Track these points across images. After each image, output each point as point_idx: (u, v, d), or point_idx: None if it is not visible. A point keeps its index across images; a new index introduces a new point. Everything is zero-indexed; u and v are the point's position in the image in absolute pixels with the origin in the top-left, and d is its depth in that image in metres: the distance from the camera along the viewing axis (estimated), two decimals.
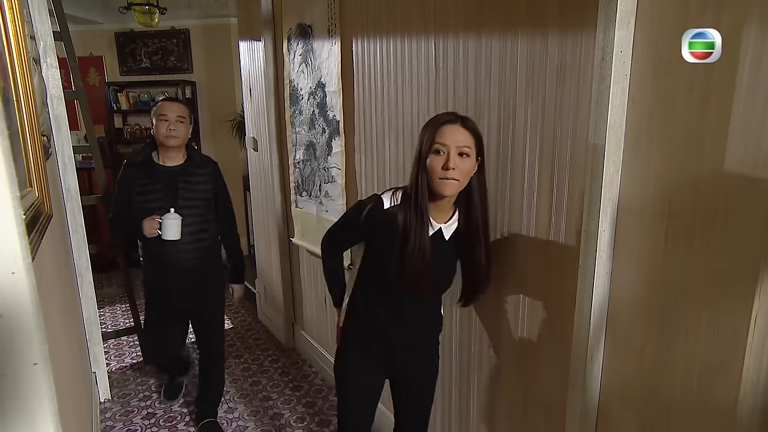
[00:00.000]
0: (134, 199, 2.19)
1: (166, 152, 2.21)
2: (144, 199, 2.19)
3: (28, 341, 0.57)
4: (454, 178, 1.28)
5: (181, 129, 2.18)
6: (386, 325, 1.51)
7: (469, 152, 1.29)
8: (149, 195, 2.19)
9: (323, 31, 2.37)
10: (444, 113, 1.37)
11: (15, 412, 0.57)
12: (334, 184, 2.48)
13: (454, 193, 1.33)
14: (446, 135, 1.29)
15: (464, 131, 1.30)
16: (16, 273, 0.55)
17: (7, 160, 0.54)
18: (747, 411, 0.94)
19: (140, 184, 2.19)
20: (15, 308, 0.55)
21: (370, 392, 1.62)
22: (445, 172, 1.28)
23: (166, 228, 2.15)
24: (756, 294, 0.89)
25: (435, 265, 1.38)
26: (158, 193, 2.19)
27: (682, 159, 1.00)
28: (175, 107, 2.18)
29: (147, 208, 2.18)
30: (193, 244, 2.25)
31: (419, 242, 1.34)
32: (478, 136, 1.32)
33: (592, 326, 1.20)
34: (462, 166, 1.29)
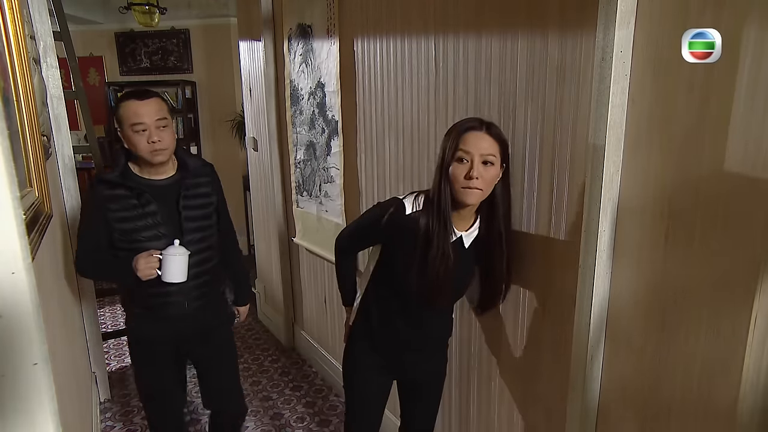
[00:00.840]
0: (115, 230, 1.59)
1: (149, 166, 1.64)
2: (131, 228, 1.59)
3: (28, 341, 0.57)
4: (477, 187, 1.24)
5: (167, 136, 1.59)
6: (406, 338, 1.51)
7: (494, 160, 1.25)
8: (139, 222, 1.60)
9: (323, 31, 2.38)
10: (468, 119, 1.33)
11: (15, 412, 0.57)
12: (333, 184, 2.49)
13: (477, 202, 1.30)
14: (470, 142, 1.25)
15: (489, 138, 1.25)
16: (16, 273, 0.55)
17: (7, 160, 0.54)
18: (747, 411, 0.94)
19: (123, 208, 1.59)
20: (15, 308, 0.55)
21: (377, 392, 1.61)
22: (468, 181, 1.24)
23: (169, 266, 1.55)
24: (756, 294, 0.89)
25: (454, 273, 1.35)
26: (151, 217, 1.61)
27: (682, 159, 1.00)
28: (152, 107, 1.56)
29: (136, 240, 1.59)
30: (199, 279, 1.71)
31: (442, 250, 1.30)
32: (503, 143, 1.28)
33: (592, 326, 1.19)
34: (486, 174, 1.24)
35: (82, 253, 1.64)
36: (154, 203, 1.62)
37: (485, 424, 1.72)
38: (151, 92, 1.59)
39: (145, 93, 1.59)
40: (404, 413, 1.70)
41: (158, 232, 1.62)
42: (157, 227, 1.62)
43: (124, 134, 1.58)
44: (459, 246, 1.38)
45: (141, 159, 1.61)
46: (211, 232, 1.76)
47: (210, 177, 1.79)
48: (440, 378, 1.67)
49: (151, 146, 1.56)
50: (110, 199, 1.59)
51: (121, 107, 1.57)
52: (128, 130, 1.55)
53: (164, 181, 1.67)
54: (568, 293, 1.27)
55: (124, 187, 1.60)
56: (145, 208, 1.61)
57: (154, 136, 1.56)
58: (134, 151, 1.58)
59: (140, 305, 1.71)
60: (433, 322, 1.53)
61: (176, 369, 1.84)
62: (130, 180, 1.62)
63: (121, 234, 1.60)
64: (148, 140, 1.55)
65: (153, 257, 1.56)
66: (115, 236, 1.60)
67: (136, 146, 1.56)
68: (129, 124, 1.55)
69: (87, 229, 1.64)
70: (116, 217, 1.59)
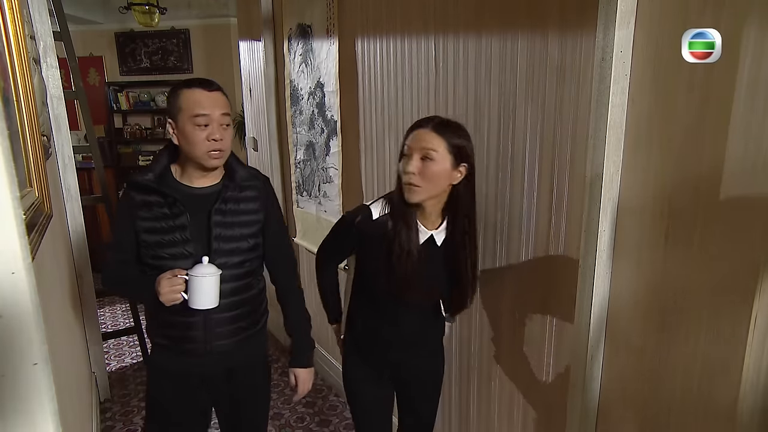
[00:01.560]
0: (141, 243, 1.37)
1: (198, 170, 1.38)
2: (155, 242, 1.36)
3: (28, 341, 0.56)
4: (412, 183, 1.25)
5: (228, 137, 1.36)
6: (387, 338, 1.51)
7: (434, 156, 1.23)
8: (165, 235, 1.35)
9: (322, 31, 2.38)
10: (423, 118, 1.35)
11: (15, 412, 0.57)
12: (332, 184, 2.49)
13: (421, 199, 1.29)
14: (411, 138, 1.28)
15: (431, 134, 1.25)
16: (16, 273, 0.55)
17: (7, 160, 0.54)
18: (747, 411, 0.94)
19: (153, 217, 1.36)
20: (15, 308, 0.55)
21: (376, 404, 1.60)
22: (405, 176, 1.26)
23: (196, 289, 1.29)
24: (756, 294, 0.89)
25: (426, 270, 1.37)
26: (180, 232, 1.35)
27: (682, 159, 1.00)
28: (219, 100, 1.34)
29: (159, 257, 1.36)
30: (232, 311, 1.43)
31: (406, 246, 1.32)
32: (452, 140, 1.25)
33: (592, 326, 1.19)
34: (425, 170, 1.24)
35: (108, 265, 1.42)
36: (186, 215, 1.35)
37: (485, 424, 1.72)
38: (217, 84, 1.37)
39: (212, 83, 1.35)
40: (400, 417, 1.68)
41: (185, 250, 1.35)
42: (183, 244, 1.35)
43: (180, 127, 1.32)
44: (431, 244, 1.39)
45: (190, 161, 1.36)
46: (252, 256, 1.44)
47: (260, 191, 1.47)
48: (433, 379, 1.62)
49: (211, 145, 1.31)
50: (141, 206, 1.36)
51: (182, 95, 1.32)
52: (187, 122, 1.30)
53: (205, 190, 1.39)
54: (568, 293, 1.27)
55: (158, 193, 1.36)
56: (175, 220, 1.35)
57: (216, 133, 1.31)
58: (186, 150, 1.34)
59: (158, 334, 1.46)
60: (412, 319, 1.48)
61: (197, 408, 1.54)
62: (165, 185, 1.36)
63: (145, 248, 1.37)
64: (209, 137, 1.31)
65: (178, 278, 1.29)
66: (141, 250, 1.38)
67: (193, 143, 1.31)
68: (190, 115, 1.29)
69: (115, 239, 1.44)
70: (144, 227, 1.36)
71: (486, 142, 1.51)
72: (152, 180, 1.36)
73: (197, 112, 1.30)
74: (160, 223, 1.36)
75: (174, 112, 1.33)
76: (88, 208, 3.45)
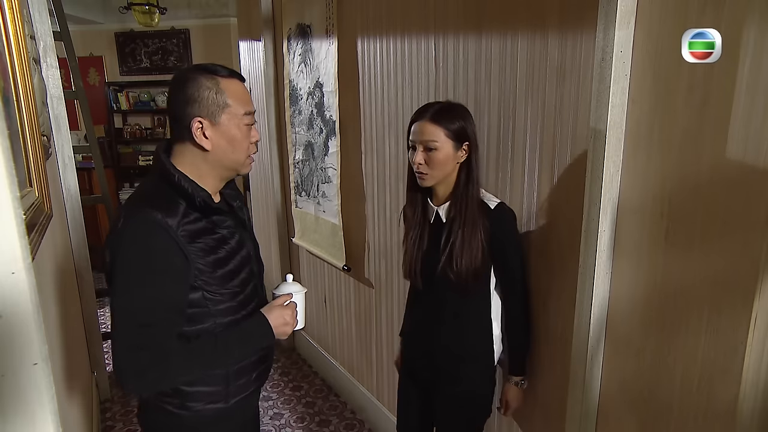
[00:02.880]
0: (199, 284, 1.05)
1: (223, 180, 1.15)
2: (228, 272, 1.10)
3: (28, 341, 0.56)
4: (421, 172, 1.34)
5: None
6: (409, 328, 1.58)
7: (437, 145, 1.31)
8: (230, 261, 1.11)
9: (321, 31, 2.38)
10: (422, 107, 1.38)
11: (15, 412, 0.57)
12: (330, 184, 2.49)
13: (432, 183, 1.37)
14: (414, 132, 1.35)
15: (430, 125, 1.32)
16: (16, 273, 0.55)
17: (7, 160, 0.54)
18: (747, 411, 0.94)
19: (214, 246, 1.07)
20: (15, 308, 0.55)
21: (406, 397, 1.62)
22: (415, 166, 1.35)
23: (299, 310, 1.21)
24: (756, 294, 0.89)
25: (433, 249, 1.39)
26: (239, 252, 1.15)
27: (682, 159, 1.00)
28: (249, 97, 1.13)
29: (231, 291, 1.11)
30: None
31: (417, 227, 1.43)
32: (449, 127, 1.31)
33: (592, 326, 1.19)
34: (431, 159, 1.33)
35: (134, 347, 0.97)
36: (238, 234, 1.15)
37: (485, 424, 1.72)
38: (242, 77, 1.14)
39: (241, 74, 1.11)
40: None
41: (248, 275, 1.16)
42: (247, 266, 1.16)
43: (223, 128, 1.05)
44: (438, 222, 1.41)
45: (220, 168, 1.10)
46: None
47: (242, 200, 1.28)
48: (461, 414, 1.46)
49: (252, 148, 1.12)
50: (195, 237, 1.03)
51: (226, 87, 1.05)
52: (238, 122, 1.06)
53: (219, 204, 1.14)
54: (568, 293, 1.27)
55: (204, 215, 1.07)
56: (230, 241, 1.12)
57: (257, 134, 1.12)
58: (224, 156, 1.08)
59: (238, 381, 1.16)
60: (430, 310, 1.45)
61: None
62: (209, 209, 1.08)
63: (212, 289, 1.07)
64: (251, 140, 1.11)
65: (293, 302, 1.16)
66: (201, 295, 1.06)
67: (240, 148, 1.08)
68: (242, 113, 1.07)
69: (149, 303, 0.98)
70: (209, 263, 1.05)
71: (486, 142, 1.51)
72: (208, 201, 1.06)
73: (249, 110, 1.08)
74: (220, 252, 1.08)
75: (213, 110, 1.04)
76: (88, 208, 3.46)
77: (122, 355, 0.97)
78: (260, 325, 1.11)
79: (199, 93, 1.03)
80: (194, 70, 1.06)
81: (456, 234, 1.33)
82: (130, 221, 0.99)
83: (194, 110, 1.03)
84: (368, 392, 2.48)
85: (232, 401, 1.16)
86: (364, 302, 2.38)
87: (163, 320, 1.00)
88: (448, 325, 1.43)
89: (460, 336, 1.43)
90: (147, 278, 0.98)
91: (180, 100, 1.04)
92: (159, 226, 0.98)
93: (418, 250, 1.42)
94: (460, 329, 1.43)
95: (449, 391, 1.47)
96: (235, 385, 1.15)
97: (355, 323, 2.50)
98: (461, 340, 1.43)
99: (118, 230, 0.99)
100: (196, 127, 1.04)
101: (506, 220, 1.36)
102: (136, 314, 0.97)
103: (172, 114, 1.07)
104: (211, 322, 1.08)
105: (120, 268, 0.98)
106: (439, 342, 1.45)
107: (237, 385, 1.16)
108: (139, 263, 0.98)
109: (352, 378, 2.64)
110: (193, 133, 1.04)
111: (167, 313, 1.00)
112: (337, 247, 2.48)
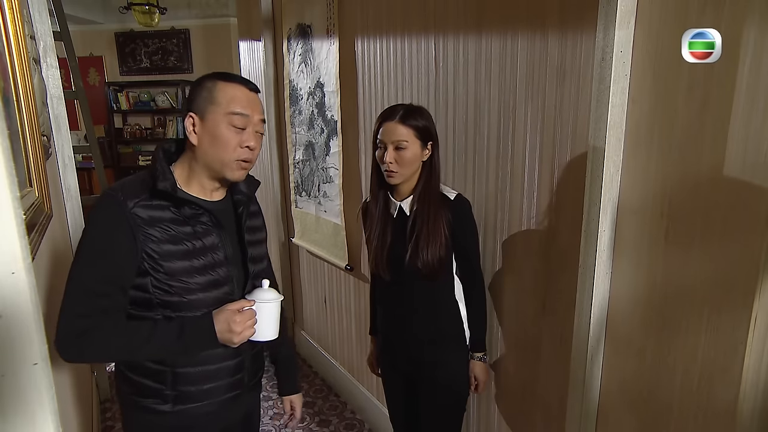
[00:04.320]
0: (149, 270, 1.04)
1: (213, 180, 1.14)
2: (184, 267, 1.07)
3: (28, 341, 0.56)
4: (391, 170, 1.41)
5: (259, 147, 1.15)
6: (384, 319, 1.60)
7: (406, 145, 1.39)
8: (196, 258, 1.09)
9: (322, 31, 2.38)
10: (388, 109, 1.45)
11: (15, 412, 0.57)
12: (332, 184, 2.49)
13: (400, 181, 1.44)
14: (383, 132, 1.42)
15: (400, 126, 1.39)
16: (16, 273, 0.55)
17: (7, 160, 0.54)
18: (747, 411, 0.94)
19: (169, 238, 1.06)
20: (15, 308, 0.55)
21: (392, 389, 1.68)
22: (383, 164, 1.42)
23: (264, 319, 1.12)
24: (756, 294, 0.89)
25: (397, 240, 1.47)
26: (212, 253, 1.11)
27: (682, 159, 1.00)
28: (258, 103, 1.14)
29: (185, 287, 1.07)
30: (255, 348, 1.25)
31: (379, 222, 1.50)
32: (417, 127, 1.40)
33: (592, 326, 1.20)
34: (400, 158, 1.40)
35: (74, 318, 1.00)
36: (216, 234, 1.12)
37: (485, 424, 1.72)
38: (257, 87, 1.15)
39: (254, 84, 1.14)
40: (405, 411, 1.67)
41: (219, 276, 1.11)
42: (217, 268, 1.11)
43: (209, 125, 1.07)
44: (402, 215, 1.49)
45: (207, 168, 1.10)
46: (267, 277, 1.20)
47: (258, 204, 1.32)
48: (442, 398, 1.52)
49: (243, 153, 1.09)
50: (149, 224, 1.03)
51: (218, 87, 1.08)
52: (222, 119, 1.07)
53: (219, 205, 1.16)
54: (568, 293, 1.27)
55: (179, 206, 1.08)
56: (204, 239, 1.10)
57: (252, 140, 1.09)
58: (209, 154, 1.08)
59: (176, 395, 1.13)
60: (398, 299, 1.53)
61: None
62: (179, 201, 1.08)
63: (159, 280, 1.05)
64: (243, 143, 1.09)
65: (250, 309, 1.09)
66: (148, 281, 1.05)
67: (223, 147, 1.08)
68: (227, 112, 1.07)
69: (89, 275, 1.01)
70: (161, 252, 1.04)
71: (486, 142, 1.51)
72: (170, 189, 1.06)
73: (236, 110, 1.07)
74: (183, 245, 1.07)
75: (202, 106, 1.07)
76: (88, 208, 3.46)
77: (64, 319, 1.01)
78: (203, 325, 1.06)
79: (198, 92, 1.10)
80: (211, 74, 1.12)
81: (421, 227, 1.42)
82: (97, 201, 1.07)
83: (191, 106, 1.10)
84: (368, 392, 2.48)
85: (173, 407, 1.12)
86: (364, 302, 2.38)
87: (107, 293, 1.02)
88: (420, 312, 1.51)
89: (433, 321, 1.51)
90: (95, 251, 1.02)
91: (187, 99, 1.13)
92: (115, 204, 1.02)
93: (383, 244, 1.49)
94: (433, 315, 1.51)
95: (430, 377, 1.53)
96: (175, 390, 1.12)
97: (355, 323, 2.50)
98: (434, 325, 1.51)
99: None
100: (188, 122, 1.09)
101: (466, 210, 1.47)
102: (83, 283, 1.02)
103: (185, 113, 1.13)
104: (158, 312, 1.08)
105: (79, 241, 1.04)
106: (413, 330, 1.53)
107: (177, 390, 1.12)
108: (91, 237, 1.03)
109: (352, 378, 2.64)
110: (186, 127, 1.10)
111: (109, 286, 1.02)
112: (339, 247, 2.48)
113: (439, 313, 1.51)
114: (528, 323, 1.47)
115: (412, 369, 1.56)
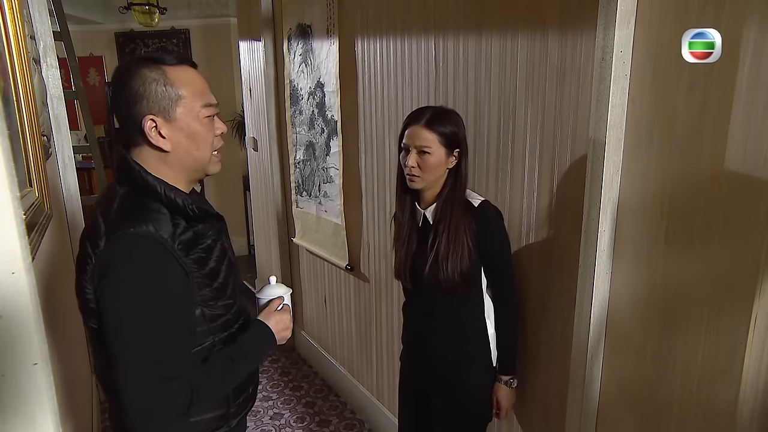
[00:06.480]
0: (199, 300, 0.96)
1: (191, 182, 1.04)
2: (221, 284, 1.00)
3: (28, 341, 0.57)
4: (413, 174, 1.36)
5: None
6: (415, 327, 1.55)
7: (430, 150, 1.33)
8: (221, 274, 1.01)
9: (322, 31, 2.37)
10: (416, 111, 1.39)
11: (15, 412, 0.57)
12: (332, 184, 2.49)
13: (422, 186, 1.39)
14: (408, 136, 1.36)
15: (425, 131, 1.33)
16: (16, 273, 0.55)
17: (7, 160, 0.54)
18: (747, 411, 0.94)
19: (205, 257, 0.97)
20: (15, 308, 0.55)
21: (405, 402, 1.63)
22: (406, 169, 1.37)
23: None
24: (756, 294, 0.89)
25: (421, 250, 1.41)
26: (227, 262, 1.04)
27: (682, 159, 1.00)
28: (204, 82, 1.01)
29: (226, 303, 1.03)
30: None
31: (406, 229, 1.45)
32: (443, 134, 1.33)
33: (592, 326, 1.19)
34: (423, 162, 1.34)
35: (172, 389, 0.87)
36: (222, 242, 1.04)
37: None
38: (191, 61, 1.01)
39: (190, 59, 1.00)
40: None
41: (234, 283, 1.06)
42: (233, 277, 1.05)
43: (181, 124, 0.94)
44: (426, 224, 1.42)
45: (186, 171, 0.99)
46: None
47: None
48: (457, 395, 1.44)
49: (218, 142, 1.00)
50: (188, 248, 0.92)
51: (177, 77, 0.93)
52: (196, 114, 0.94)
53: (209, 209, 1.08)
54: (568, 293, 1.27)
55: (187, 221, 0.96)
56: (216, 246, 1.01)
57: (221, 124, 1.00)
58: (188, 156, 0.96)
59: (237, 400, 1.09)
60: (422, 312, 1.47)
61: None
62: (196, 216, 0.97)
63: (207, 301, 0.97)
64: (216, 133, 0.99)
65: (287, 305, 1.11)
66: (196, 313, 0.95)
67: (205, 143, 0.97)
68: (201, 104, 0.95)
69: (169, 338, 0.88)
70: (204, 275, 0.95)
71: (486, 142, 1.51)
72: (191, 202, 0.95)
73: (208, 102, 0.96)
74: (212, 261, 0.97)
75: (165, 105, 0.91)
76: (88, 208, 3.45)
77: (144, 394, 0.83)
78: (264, 334, 1.04)
79: (145, 88, 0.90)
80: (137, 61, 0.93)
81: (441, 237, 1.33)
82: (118, 240, 0.85)
83: (143, 108, 0.91)
84: (368, 392, 2.48)
85: (234, 422, 1.09)
86: (364, 302, 2.38)
87: (180, 347, 0.89)
88: (441, 329, 1.43)
89: (454, 340, 1.43)
90: (152, 305, 0.85)
91: (125, 98, 0.91)
92: (154, 242, 0.86)
93: (407, 252, 1.45)
94: (454, 333, 1.42)
95: (448, 397, 1.45)
96: (236, 405, 1.07)
97: (355, 323, 2.50)
98: (455, 344, 1.43)
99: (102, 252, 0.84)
100: (149, 127, 0.91)
101: (490, 218, 1.36)
102: (150, 347, 0.85)
103: (119, 115, 0.93)
104: (210, 340, 0.98)
105: (116, 296, 0.85)
106: (433, 347, 1.45)
107: (237, 405, 1.08)
108: (140, 289, 0.85)
109: (352, 378, 2.64)
110: (147, 134, 0.91)
111: (181, 339, 0.89)
112: (339, 247, 2.48)
113: (462, 333, 1.42)
114: (528, 323, 1.47)
115: (429, 386, 1.50)
